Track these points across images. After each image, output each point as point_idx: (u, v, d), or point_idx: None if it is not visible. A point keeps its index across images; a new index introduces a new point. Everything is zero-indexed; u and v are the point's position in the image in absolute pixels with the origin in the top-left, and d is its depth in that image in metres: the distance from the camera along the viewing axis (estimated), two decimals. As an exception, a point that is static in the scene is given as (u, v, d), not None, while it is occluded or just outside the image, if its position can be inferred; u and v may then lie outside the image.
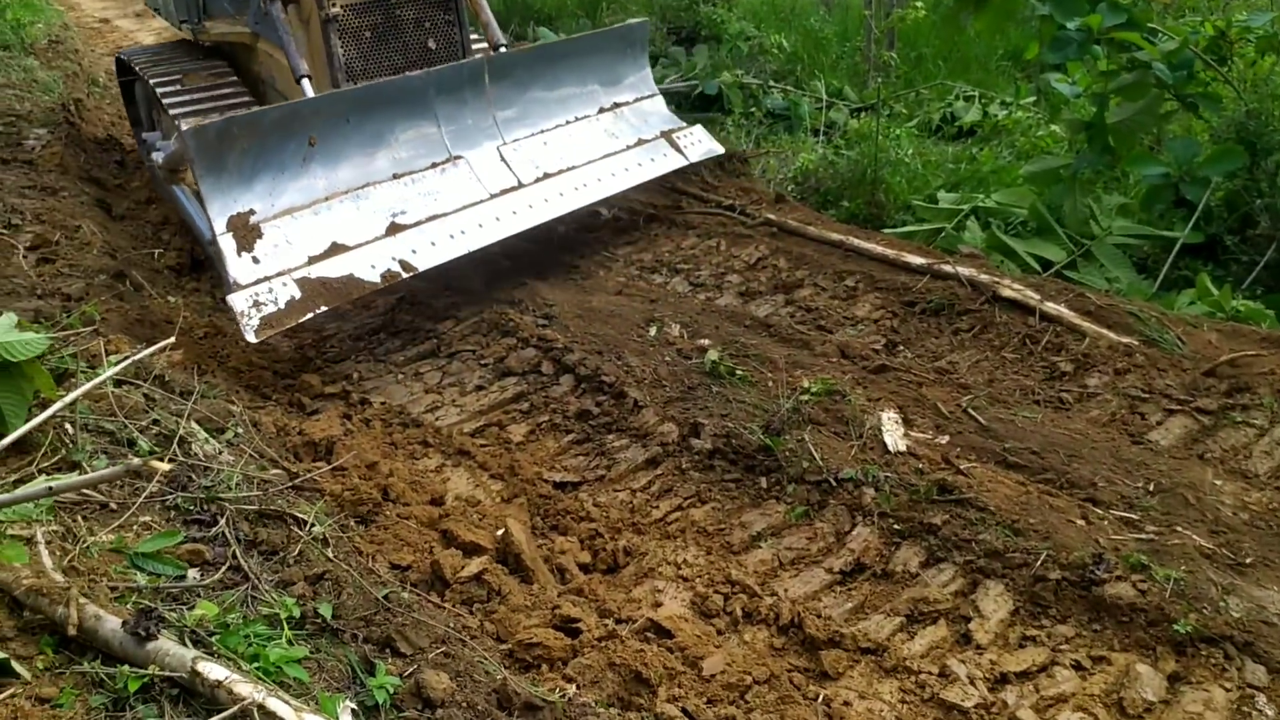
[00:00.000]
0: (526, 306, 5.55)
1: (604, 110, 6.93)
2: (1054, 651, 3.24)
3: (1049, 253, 6.26)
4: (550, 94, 6.59)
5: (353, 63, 5.91)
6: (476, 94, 6.10)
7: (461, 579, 3.50)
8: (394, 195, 5.62)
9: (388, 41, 6.04)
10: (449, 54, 6.26)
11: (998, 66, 10.38)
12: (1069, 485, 3.92)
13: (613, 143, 6.76)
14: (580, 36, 6.99)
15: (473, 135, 6.08)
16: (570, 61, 6.70)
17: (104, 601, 2.64)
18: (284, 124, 5.18)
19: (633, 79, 7.23)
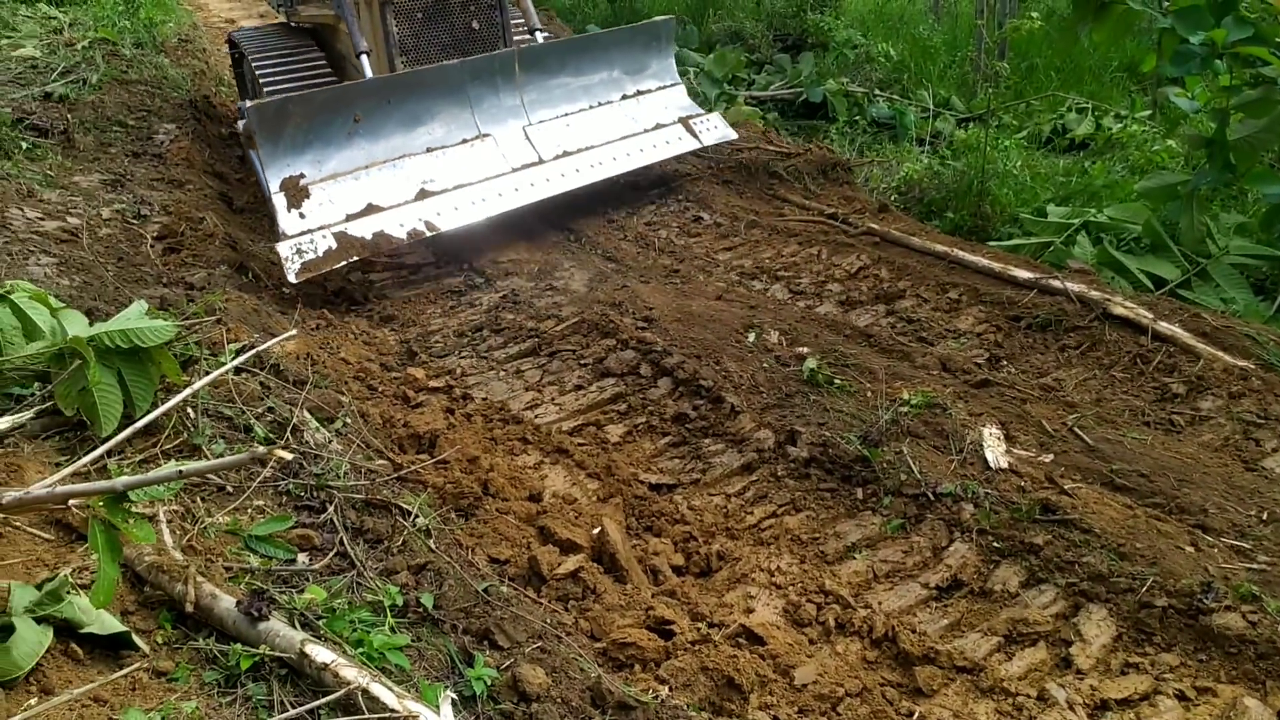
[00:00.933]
0: (627, 309, 5.60)
1: (627, 97, 7.64)
2: (1157, 680, 3.15)
3: (1163, 270, 6.09)
4: (576, 81, 7.32)
5: (405, 40, 6.74)
6: (507, 80, 6.91)
7: (558, 576, 3.55)
8: (426, 166, 6.51)
9: (436, 22, 6.87)
10: (490, 34, 7.08)
11: (1112, 79, 10.12)
12: (1178, 510, 3.82)
13: (631, 126, 7.47)
14: (610, 31, 7.71)
15: (501, 116, 6.91)
16: (597, 53, 7.43)
17: (219, 581, 2.76)
18: (334, 103, 6.08)
19: (657, 69, 7.87)
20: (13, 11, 9.51)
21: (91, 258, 4.98)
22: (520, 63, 6.91)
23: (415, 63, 6.80)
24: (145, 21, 10.31)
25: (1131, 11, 6.35)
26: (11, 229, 4.99)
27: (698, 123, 7.75)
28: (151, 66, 8.82)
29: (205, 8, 14.83)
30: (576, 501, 4.14)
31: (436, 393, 5.04)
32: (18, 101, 6.88)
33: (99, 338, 3.17)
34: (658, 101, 7.77)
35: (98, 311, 4.04)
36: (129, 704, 2.29)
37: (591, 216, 7.34)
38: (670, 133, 7.57)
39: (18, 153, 6.09)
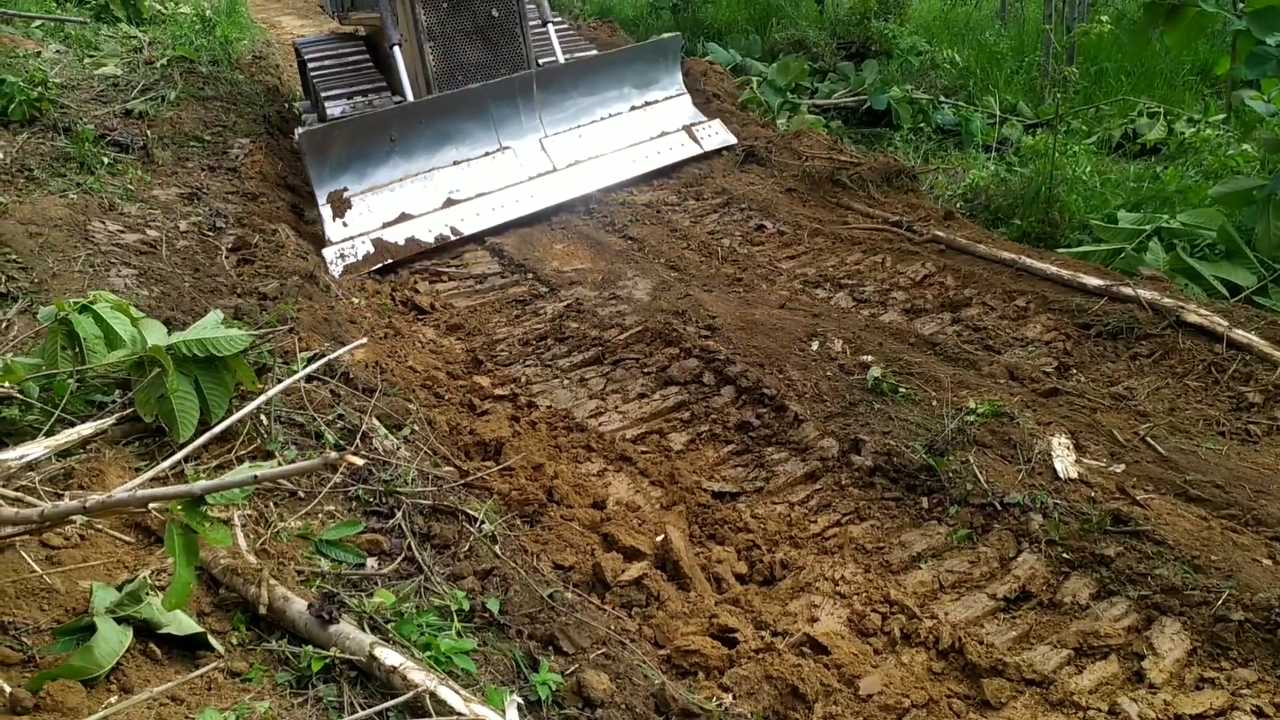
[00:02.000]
0: (690, 317, 5.62)
1: (635, 108, 8.45)
2: (1234, 696, 3.08)
3: (1238, 277, 5.94)
4: (589, 97, 8.12)
5: (433, 27, 7.50)
6: (527, 98, 7.73)
7: (621, 582, 3.58)
8: (452, 177, 7.35)
9: (460, 10, 7.63)
10: (508, 21, 7.85)
11: (1185, 82, 9.91)
12: (1255, 523, 3.72)
13: (639, 134, 8.30)
14: (620, 50, 8.61)
15: (520, 130, 7.72)
16: (609, 71, 8.23)
17: (291, 584, 2.82)
18: (373, 126, 6.94)
19: (664, 82, 8.70)
20: (95, 31, 9.83)
21: (169, 269, 5.12)
22: (538, 82, 7.77)
23: (442, 48, 7.61)
24: (221, 39, 10.58)
25: (1205, 14, 6.22)
26: (94, 241, 5.16)
27: (700, 129, 8.60)
28: (227, 83, 9.05)
29: (278, 25, 15.17)
30: (640, 509, 4.16)
31: (502, 400, 5.09)
32: (100, 118, 7.11)
33: (177, 346, 3.27)
34: (664, 111, 8.60)
35: (175, 321, 4.16)
36: (205, 703, 2.35)
37: (655, 225, 7.37)
38: (674, 139, 8.44)
39: (100, 168, 6.29)
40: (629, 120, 8.37)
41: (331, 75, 8.49)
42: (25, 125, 6.66)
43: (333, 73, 8.55)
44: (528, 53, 8.07)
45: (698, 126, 8.64)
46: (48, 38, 9.56)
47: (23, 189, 5.71)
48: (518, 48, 8.00)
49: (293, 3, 17.36)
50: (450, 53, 7.71)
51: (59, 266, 4.72)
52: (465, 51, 7.77)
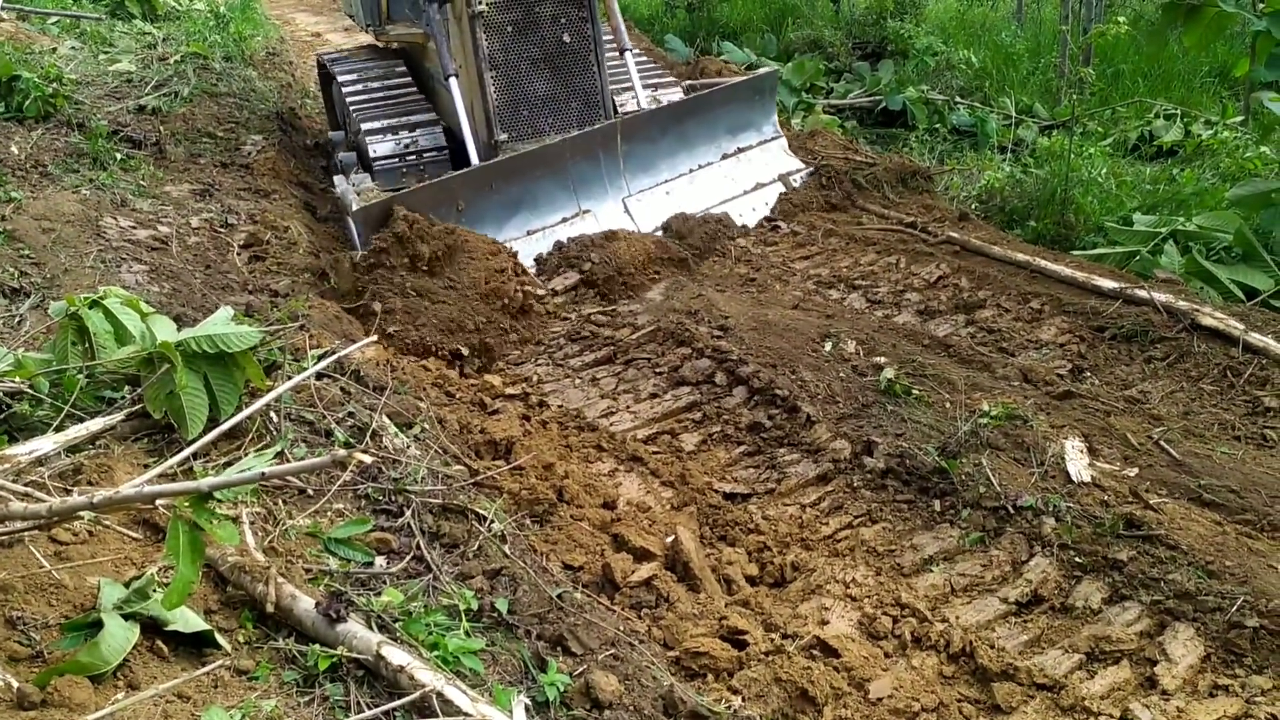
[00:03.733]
0: (703, 317, 5.60)
1: (726, 156, 7.36)
2: (1248, 703, 3.05)
3: (1255, 280, 5.89)
4: (677, 146, 7.07)
5: (495, 54, 6.52)
6: (609, 153, 6.73)
7: (631, 583, 3.56)
8: (526, 248, 6.43)
9: (526, 35, 6.60)
10: (581, 47, 6.76)
11: (1203, 84, 9.85)
12: (1271, 528, 3.69)
13: (731, 187, 7.20)
14: (713, 91, 7.30)
15: (601, 189, 6.72)
16: (700, 115, 7.15)
17: (299, 582, 2.81)
18: (438, 196, 6.02)
19: (759, 123, 7.59)
20: (110, 28, 9.86)
21: (181, 265, 5.13)
22: (623, 134, 6.73)
23: (505, 78, 6.61)
24: (235, 36, 10.61)
25: (1224, 15, 6.18)
26: (106, 237, 5.17)
27: (797, 179, 7.47)
28: (240, 80, 9.07)
29: (292, 22, 15.20)
30: (650, 509, 4.15)
31: (513, 400, 5.08)
32: (114, 114, 7.13)
33: (186, 343, 3.26)
34: (758, 159, 7.47)
35: (186, 317, 4.16)
36: (211, 701, 2.35)
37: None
38: (769, 193, 7.32)
39: (113, 163, 6.31)
40: (720, 172, 7.26)
41: (372, 105, 7.28)
42: (40, 121, 6.68)
43: (373, 101, 7.33)
44: (603, 86, 6.97)
45: (794, 176, 7.48)
46: (63, 34, 9.60)
47: (36, 185, 5.72)
48: (591, 79, 6.91)
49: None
50: (514, 84, 6.68)
51: (71, 262, 4.73)
52: (531, 83, 6.72)
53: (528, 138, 6.73)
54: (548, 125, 6.82)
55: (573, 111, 6.88)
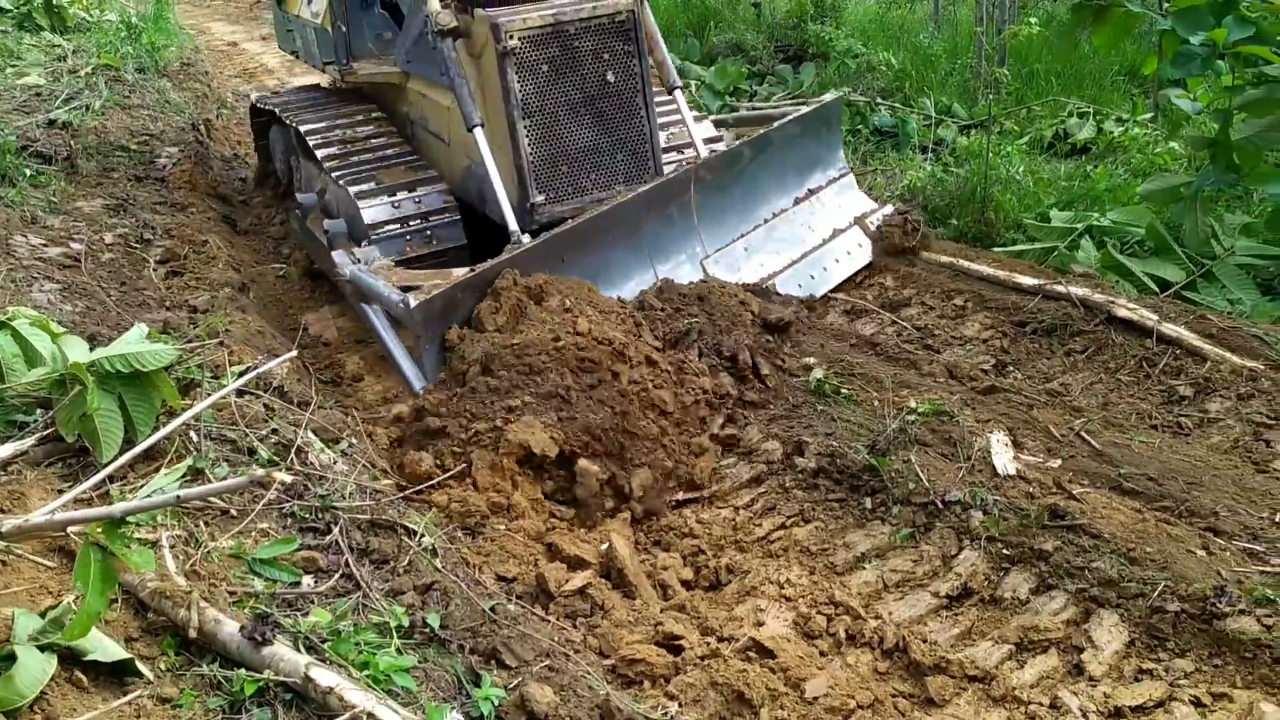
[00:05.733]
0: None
1: (799, 200, 6.33)
2: (1172, 686, 3.12)
3: (1167, 273, 6.06)
4: (751, 192, 6.08)
5: (529, 99, 5.36)
6: (683, 207, 5.70)
7: (566, 592, 3.54)
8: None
9: (565, 75, 5.45)
10: (627, 87, 5.63)
11: (1113, 82, 10.10)
12: (1188, 514, 3.78)
13: (810, 237, 6.21)
14: (781, 125, 6.23)
15: (677, 249, 5.69)
16: (770, 153, 6.17)
17: (223, 605, 2.75)
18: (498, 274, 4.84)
19: (826, 158, 6.60)
20: (17, 41, 9.58)
21: (94, 283, 4.99)
22: (697, 183, 5.72)
23: (541, 128, 5.45)
24: (148, 47, 10.37)
25: (1131, 14, 6.34)
26: (15, 256, 5.01)
27: (872, 220, 6.46)
28: (154, 91, 8.87)
29: (207, 31, 14.91)
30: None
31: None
32: (22, 129, 6.92)
33: (99, 363, 3.17)
34: (831, 201, 6.46)
35: (100, 337, 4.04)
36: (133, 731, 2.28)
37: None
38: (849, 239, 6.30)
39: (22, 180, 6.13)
40: (795, 219, 6.20)
41: (357, 162, 6.07)
42: (-57, 138, 6.47)
43: (357, 158, 6.13)
44: (652, 133, 5.81)
45: (871, 217, 6.46)
46: (-33, 47, 9.31)
47: (-60, 203, 5.54)
48: (639, 125, 5.74)
49: (222, 8, 17.08)
50: (552, 135, 5.49)
51: (-22, 283, 4.58)
52: (571, 132, 5.54)
53: (567, 198, 5.58)
54: (590, 182, 5.64)
55: (618, 165, 5.73)
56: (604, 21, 5.45)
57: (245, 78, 12.34)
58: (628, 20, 5.51)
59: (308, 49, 7.38)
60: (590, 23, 5.41)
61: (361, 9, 6.71)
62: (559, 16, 5.32)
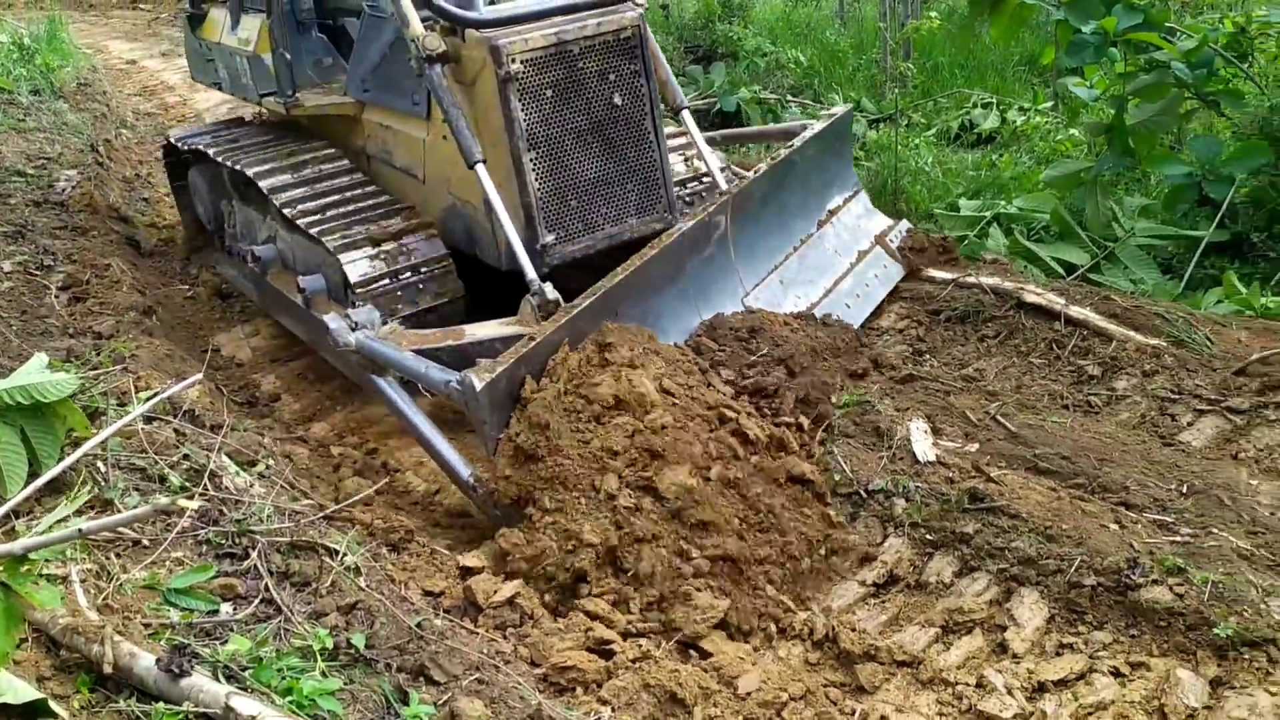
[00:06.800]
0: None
1: (822, 223, 5.82)
2: (1091, 659, 3.21)
3: (1073, 256, 6.23)
4: (777, 219, 5.56)
5: (534, 129, 4.81)
6: (721, 242, 5.14)
7: (494, 604, 3.50)
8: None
9: (570, 100, 4.93)
10: (636, 110, 5.12)
11: (1014, 73, 10.35)
12: (1101, 490, 3.89)
13: (839, 262, 5.70)
14: (804, 145, 5.63)
15: (718, 290, 5.10)
16: (793, 176, 5.61)
17: (139, 639, 2.67)
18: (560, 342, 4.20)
19: (840, 177, 6.09)
20: (-99, 66, 9.23)
21: (-8, 313, 4.82)
22: (732, 215, 5.13)
23: (547, 159, 4.90)
24: (42, 68, 10.05)
25: (1025, 5, 6.50)
26: (-94, 289, 4.82)
27: (892, 238, 5.98)
28: (50, 113, 8.60)
29: (105, 49, 14.49)
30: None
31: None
32: (-92, 157, 6.66)
33: (-2, 396, 3.07)
34: (850, 221, 5.95)
35: (0, 369, 3.90)
36: (47, 774, 2.20)
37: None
38: (875, 260, 5.80)
39: (-90, 210, 5.90)
40: (824, 244, 5.69)
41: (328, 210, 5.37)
42: None
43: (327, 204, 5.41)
44: (662, 159, 5.29)
45: (890, 235, 5.97)
46: None
47: None
48: (649, 151, 5.21)
49: (119, 25, 16.64)
50: (561, 167, 4.94)
51: None
52: (580, 163, 5.00)
53: (578, 237, 5.04)
54: (601, 217, 5.11)
55: (630, 196, 5.19)
56: (609, 39, 4.94)
57: (145, 95, 12.03)
58: (634, 37, 5.01)
59: (236, 80, 6.60)
60: (595, 41, 4.89)
61: (298, 33, 6.03)
62: (562, 36, 4.79)
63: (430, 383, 4.18)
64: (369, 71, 5.51)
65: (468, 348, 4.43)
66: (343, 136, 6.01)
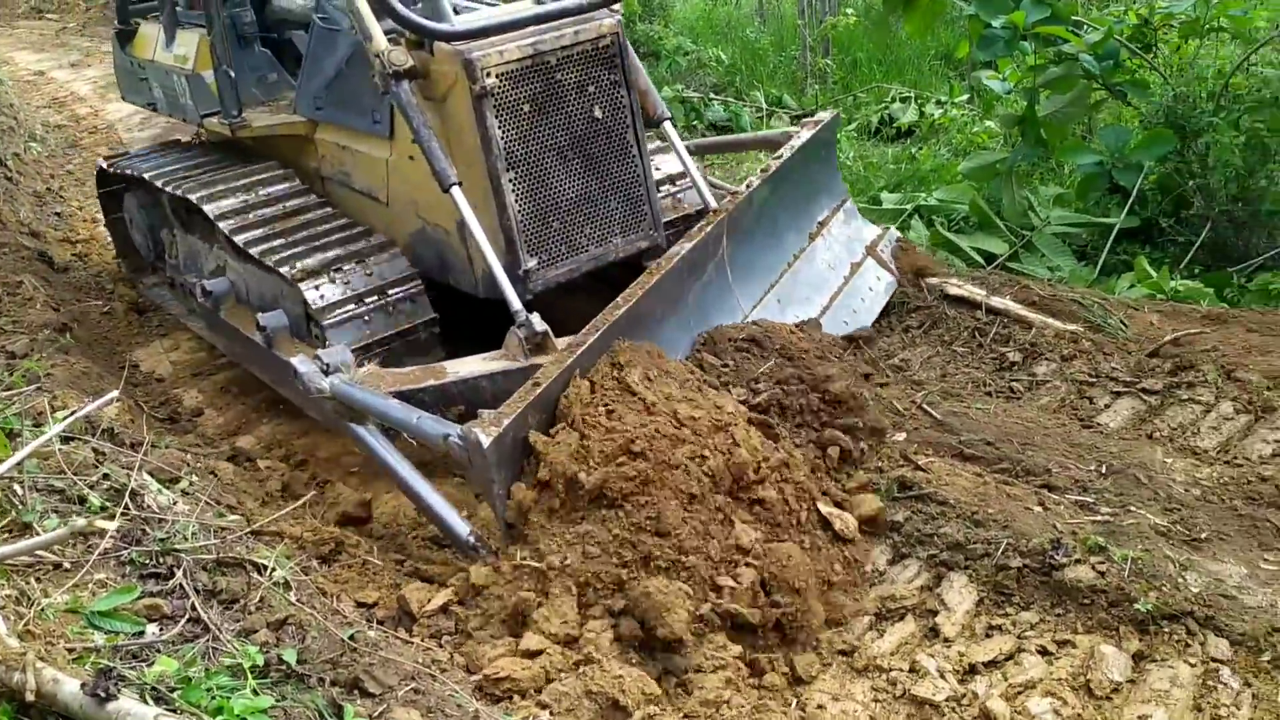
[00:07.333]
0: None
1: (813, 236, 5.53)
2: (1019, 639, 3.28)
3: (992, 246, 6.36)
4: (769, 235, 5.31)
5: (513, 147, 4.50)
6: (718, 263, 4.87)
7: (429, 612, 3.47)
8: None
9: (549, 114, 4.63)
10: (617, 123, 4.85)
11: (931, 67, 10.55)
12: (1024, 473, 3.97)
13: (834, 277, 5.42)
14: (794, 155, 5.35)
15: (717, 313, 4.76)
16: (783, 189, 5.34)
17: (62, 664, 2.60)
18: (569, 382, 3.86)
19: (828, 186, 5.78)
20: None
21: (-102, 337, 4.67)
22: (729, 233, 4.86)
23: (527, 179, 4.59)
24: (-57, 82, 9.74)
25: (937, 2, 6.63)
26: None
27: (883, 248, 5.70)
28: (-48, 128, 8.34)
29: (11, 61, 14.05)
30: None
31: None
32: None
33: (-96, 421, 2.96)
34: (841, 232, 5.65)
35: (-93, 393, 3.78)
36: (-33, 809, 2.14)
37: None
38: (868, 273, 5.53)
39: None
40: (817, 258, 5.39)
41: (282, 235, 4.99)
42: None
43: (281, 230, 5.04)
44: (646, 173, 4.99)
45: (880, 245, 5.68)
46: None
47: None
48: (632, 165, 4.92)
49: (25, 36, 16.14)
50: (541, 185, 4.63)
51: None
52: (560, 181, 4.69)
53: (561, 260, 4.73)
54: (585, 238, 4.81)
55: (613, 215, 4.89)
56: (587, 48, 4.65)
57: (55, 107, 11.70)
58: (613, 45, 4.74)
59: (174, 100, 6.14)
60: (573, 51, 4.61)
61: (240, 49, 5.68)
62: (539, 46, 4.49)
63: (422, 435, 3.75)
64: (322, 88, 5.16)
65: (451, 387, 4.13)
66: (293, 158, 5.60)
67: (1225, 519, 3.66)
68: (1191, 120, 6.21)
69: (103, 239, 7.24)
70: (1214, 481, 3.88)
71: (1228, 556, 3.46)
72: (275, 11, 5.86)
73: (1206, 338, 4.64)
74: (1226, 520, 3.65)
